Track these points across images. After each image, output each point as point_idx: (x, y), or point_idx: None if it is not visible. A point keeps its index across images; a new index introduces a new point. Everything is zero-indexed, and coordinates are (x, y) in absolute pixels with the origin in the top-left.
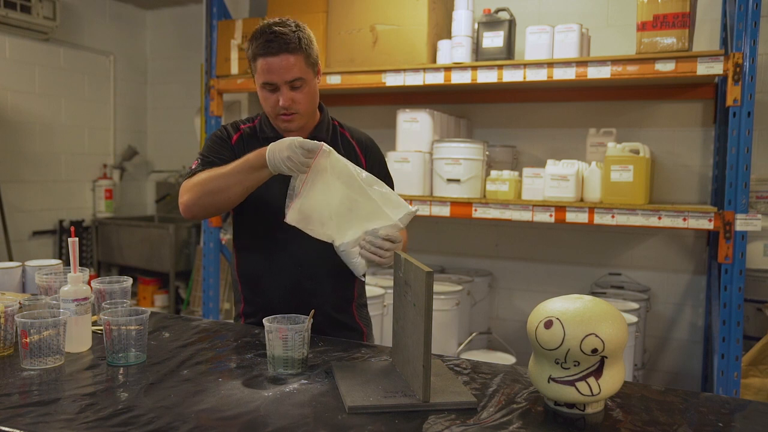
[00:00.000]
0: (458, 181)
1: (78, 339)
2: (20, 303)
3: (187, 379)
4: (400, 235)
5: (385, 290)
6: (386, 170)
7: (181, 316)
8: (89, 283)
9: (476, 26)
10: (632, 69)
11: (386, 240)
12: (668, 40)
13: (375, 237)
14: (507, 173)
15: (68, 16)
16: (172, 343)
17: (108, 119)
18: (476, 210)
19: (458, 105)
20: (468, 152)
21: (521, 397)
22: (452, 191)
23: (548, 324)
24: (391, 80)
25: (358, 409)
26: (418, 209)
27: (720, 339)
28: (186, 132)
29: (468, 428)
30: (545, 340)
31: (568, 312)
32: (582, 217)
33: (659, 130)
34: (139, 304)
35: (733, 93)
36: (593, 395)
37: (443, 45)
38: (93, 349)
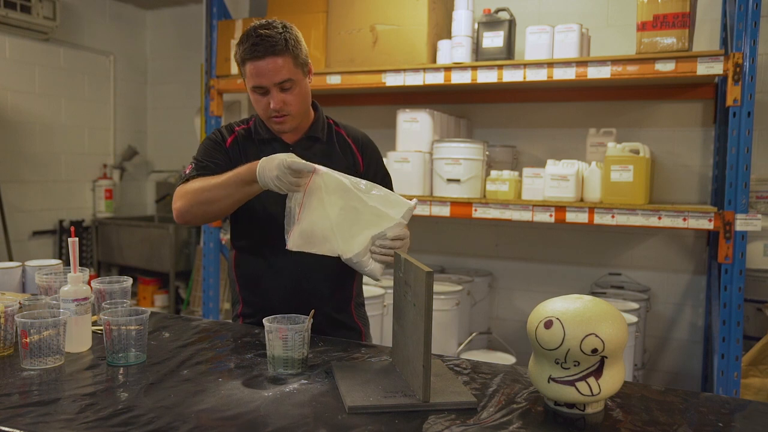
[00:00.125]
0: (458, 181)
1: (78, 339)
2: (20, 303)
3: (187, 379)
4: (407, 230)
5: (385, 290)
6: (384, 168)
7: (181, 316)
8: (89, 283)
9: (476, 26)
10: (632, 69)
11: (395, 240)
12: (668, 40)
13: (384, 240)
14: (507, 173)
15: (68, 16)
16: (172, 343)
17: (108, 119)
18: (476, 210)
19: (458, 105)
20: (468, 152)
21: (521, 397)
22: (452, 191)
23: (548, 324)
24: (391, 80)
25: (358, 409)
26: (417, 201)
27: (720, 339)
28: (186, 132)
29: (468, 428)
30: (545, 340)
31: (568, 312)
32: (582, 217)
33: (659, 130)
34: (139, 304)
35: (733, 93)
36: (593, 395)
37: (443, 45)
38: (93, 349)
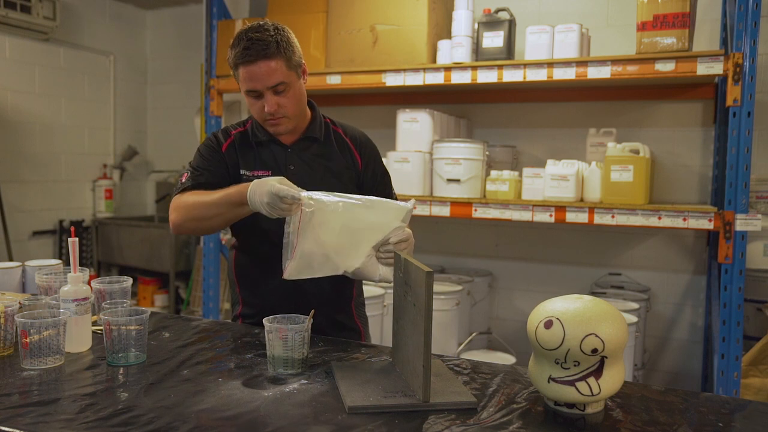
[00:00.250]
0: (458, 181)
1: (78, 339)
2: (20, 303)
3: (187, 379)
4: (409, 231)
5: (385, 290)
6: (382, 166)
7: (181, 316)
8: (89, 283)
9: (476, 26)
10: (632, 69)
11: (400, 243)
12: (668, 40)
13: (388, 245)
14: (507, 173)
15: (68, 16)
16: (172, 343)
17: (108, 119)
18: (476, 210)
19: (458, 105)
20: (468, 152)
21: (521, 397)
22: (452, 191)
23: (548, 324)
24: (391, 80)
25: (358, 409)
26: (414, 201)
27: (720, 339)
28: (186, 132)
29: (468, 428)
30: (545, 340)
31: (568, 312)
32: (582, 217)
33: (659, 130)
34: (139, 304)
35: (733, 93)
36: (593, 395)
37: (443, 45)
38: (93, 349)
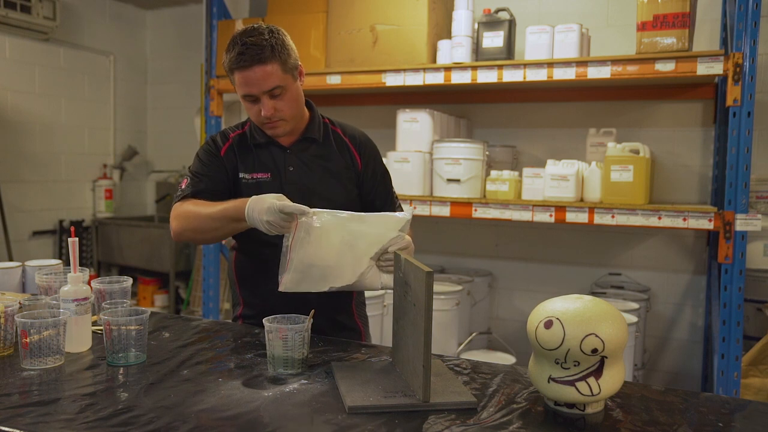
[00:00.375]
0: (458, 181)
1: (78, 339)
2: (20, 303)
3: (187, 379)
4: (409, 238)
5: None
6: (382, 165)
7: (181, 316)
8: (89, 283)
9: (476, 26)
10: (632, 69)
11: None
12: (668, 40)
13: (388, 254)
14: (507, 173)
15: (68, 16)
16: (172, 343)
17: (108, 119)
18: (476, 210)
19: (458, 105)
20: (468, 152)
21: (521, 397)
22: (452, 191)
23: (548, 324)
24: (391, 80)
25: (358, 409)
26: (412, 210)
27: (720, 339)
28: (186, 132)
29: (468, 428)
30: (545, 340)
31: (568, 312)
32: (582, 217)
33: (659, 130)
34: (139, 304)
35: (733, 93)
36: (593, 395)
37: (443, 45)
38: (93, 349)
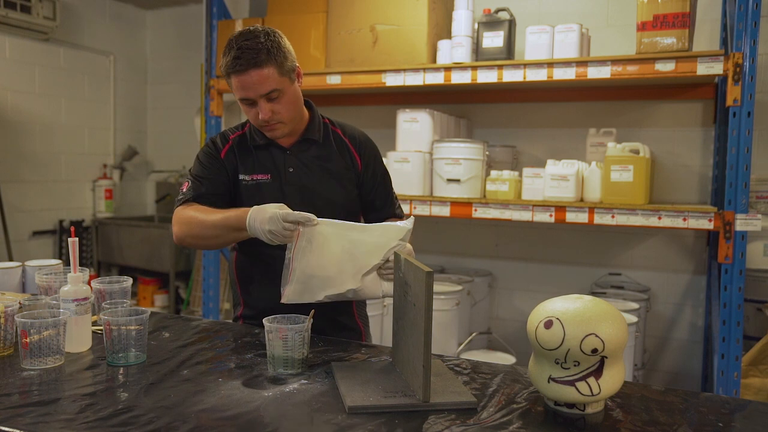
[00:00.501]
0: (458, 181)
1: (78, 339)
2: (20, 303)
3: (187, 379)
4: (409, 246)
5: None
6: (382, 166)
7: (181, 316)
8: (89, 283)
9: (476, 26)
10: (632, 69)
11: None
12: (668, 40)
13: (389, 262)
14: (507, 173)
15: (68, 16)
16: (172, 343)
17: (108, 119)
18: (476, 210)
19: (458, 105)
20: (468, 152)
21: (521, 397)
22: (452, 191)
23: (548, 324)
24: (391, 80)
25: (358, 409)
26: (413, 219)
27: (720, 339)
28: (186, 132)
29: (468, 428)
30: (545, 340)
31: (568, 312)
32: (582, 217)
33: (659, 130)
34: (139, 304)
35: (733, 93)
36: (593, 395)
37: (443, 45)
38: (93, 349)
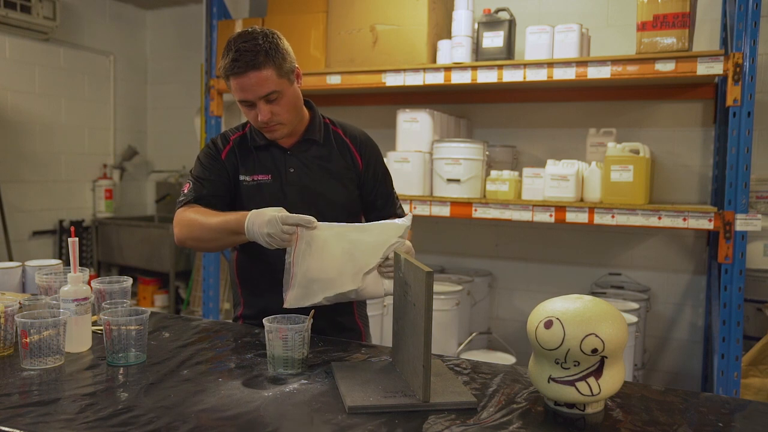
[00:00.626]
0: (458, 181)
1: (78, 339)
2: (20, 303)
3: (187, 379)
4: (409, 243)
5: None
6: (383, 166)
7: (181, 316)
8: (89, 283)
9: (476, 26)
10: (632, 69)
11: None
12: (668, 40)
13: (389, 260)
14: (507, 173)
15: (68, 16)
16: (172, 343)
17: (108, 119)
18: (476, 210)
19: (458, 105)
20: (468, 152)
21: (521, 397)
22: (452, 191)
23: (548, 324)
24: (391, 80)
25: (358, 409)
26: (411, 216)
27: (720, 339)
28: (186, 132)
29: (468, 428)
30: (545, 340)
31: (568, 312)
32: (582, 217)
33: (659, 130)
34: (139, 304)
35: (733, 93)
36: (593, 395)
37: (443, 45)
38: (93, 349)
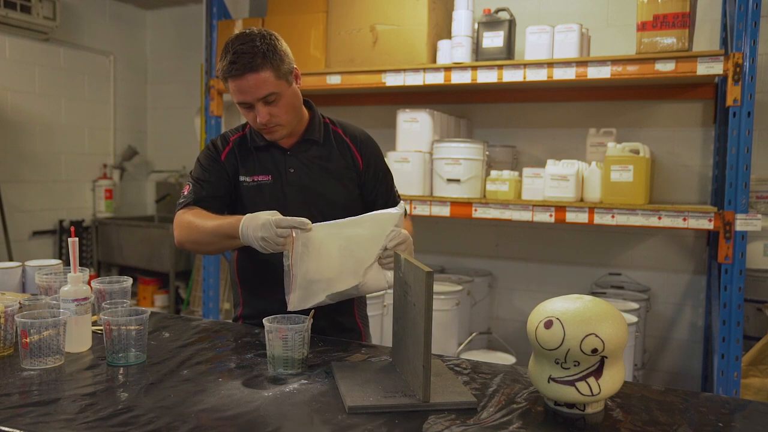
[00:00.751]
0: (458, 181)
1: (78, 339)
2: (20, 303)
3: (187, 379)
4: (405, 232)
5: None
6: (384, 165)
7: (181, 316)
8: (89, 283)
9: (476, 26)
10: (632, 69)
11: (398, 246)
12: (668, 40)
13: (387, 251)
14: (507, 173)
15: (68, 16)
16: (172, 343)
17: (108, 119)
18: (476, 210)
19: (458, 105)
20: (468, 152)
21: (521, 397)
22: (452, 191)
23: (548, 324)
24: (391, 80)
25: (358, 409)
26: (403, 204)
27: (720, 339)
28: (186, 132)
29: (468, 428)
30: (545, 340)
31: (568, 312)
32: (582, 217)
33: (659, 130)
34: (139, 304)
35: (733, 93)
36: (593, 395)
37: (443, 45)
38: (93, 349)
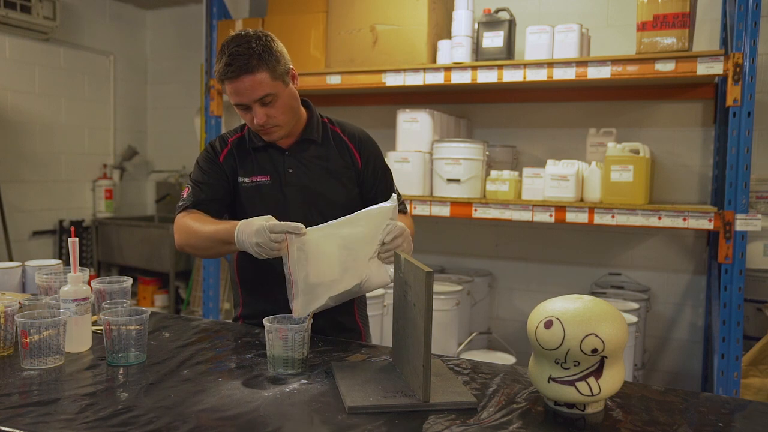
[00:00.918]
0: (458, 181)
1: (78, 339)
2: (20, 303)
3: (187, 379)
4: (401, 224)
5: (385, 290)
6: (383, 163)
7: (181, 316)
8: (89, 283)
9: (476, 26)
10: (632, 69)
11: (395, 239)
12: (668, 40)
13: (384, 245)
14: (507, 173)
15: (68, 16)
16: (172, 343)
17: (108, 119)
18: (476, 210)
19: (458, 105)
20: (468, 152)
21: (521, 397)
22: (452, 191)
23: (548, 324)
24: (391, 80)
25: (358, 409)
26: (395, 197)
27: (720, 339)
28: (186, 132)
29: (468, 428)
30: (545, 340)
31: (568, 312)
32: (582, 217)
33: (659, 130)
34: (139, 304)
35: (733, 93)
36: (593, 395)
37: (443, 45)
38: (93, 349)
